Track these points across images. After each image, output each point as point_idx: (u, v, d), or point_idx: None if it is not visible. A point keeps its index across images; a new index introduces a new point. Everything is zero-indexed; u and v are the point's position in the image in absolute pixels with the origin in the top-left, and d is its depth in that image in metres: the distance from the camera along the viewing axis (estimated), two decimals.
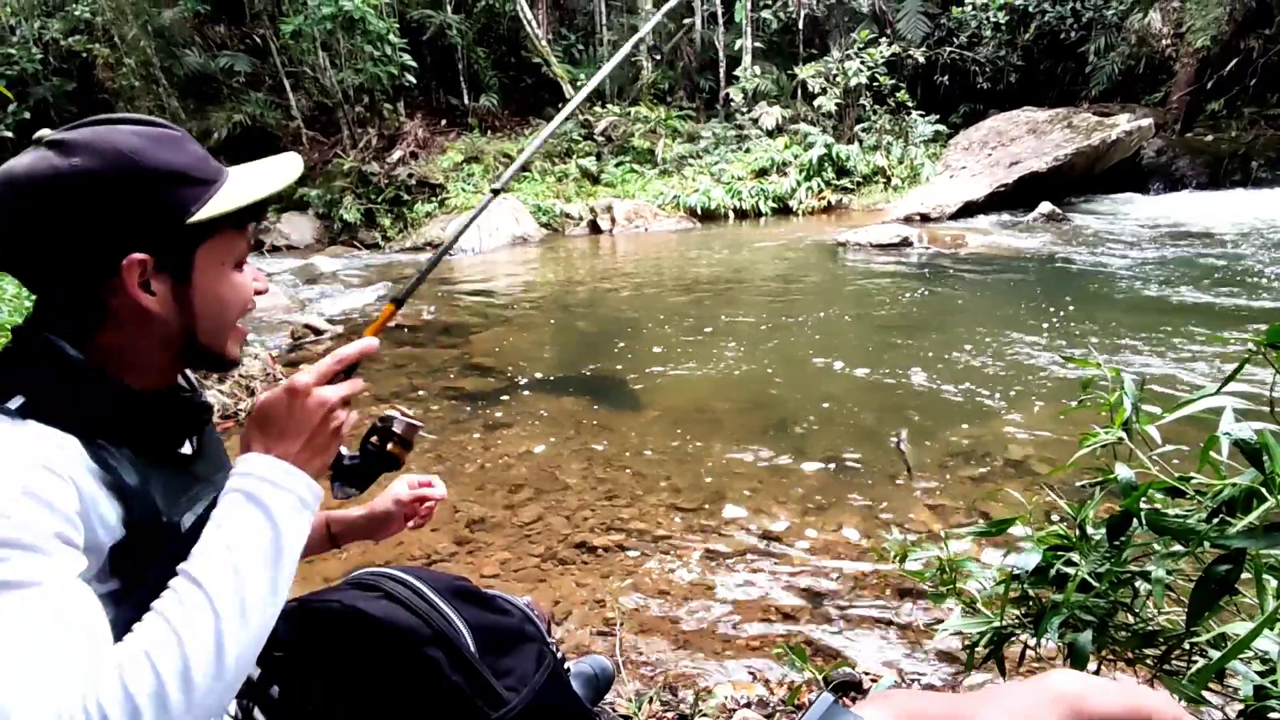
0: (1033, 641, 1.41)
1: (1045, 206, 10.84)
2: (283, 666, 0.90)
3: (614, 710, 1.74)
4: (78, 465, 0.74)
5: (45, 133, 0.77)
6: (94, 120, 0.79)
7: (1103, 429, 1.45)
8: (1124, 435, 1.35)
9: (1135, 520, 1.21)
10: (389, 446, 0.98)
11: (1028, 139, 12.92)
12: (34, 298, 0.82)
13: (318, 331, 6.02)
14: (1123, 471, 1.25)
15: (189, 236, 0.80)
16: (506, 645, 1.04)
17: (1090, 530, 1.34)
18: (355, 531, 1.27)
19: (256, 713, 0.94)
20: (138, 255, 0.77)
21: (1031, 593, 1.45)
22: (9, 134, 7.03)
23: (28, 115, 11.93)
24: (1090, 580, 1.31)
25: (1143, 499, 1.18)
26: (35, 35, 14.28)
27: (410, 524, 1.27)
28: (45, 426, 0.73)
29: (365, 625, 0.92)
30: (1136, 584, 1.28)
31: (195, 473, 0.90)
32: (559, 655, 1.14)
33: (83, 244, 0.76)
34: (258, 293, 0.92)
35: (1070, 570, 1.34)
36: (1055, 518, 1.57)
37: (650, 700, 1.77)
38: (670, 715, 1.74)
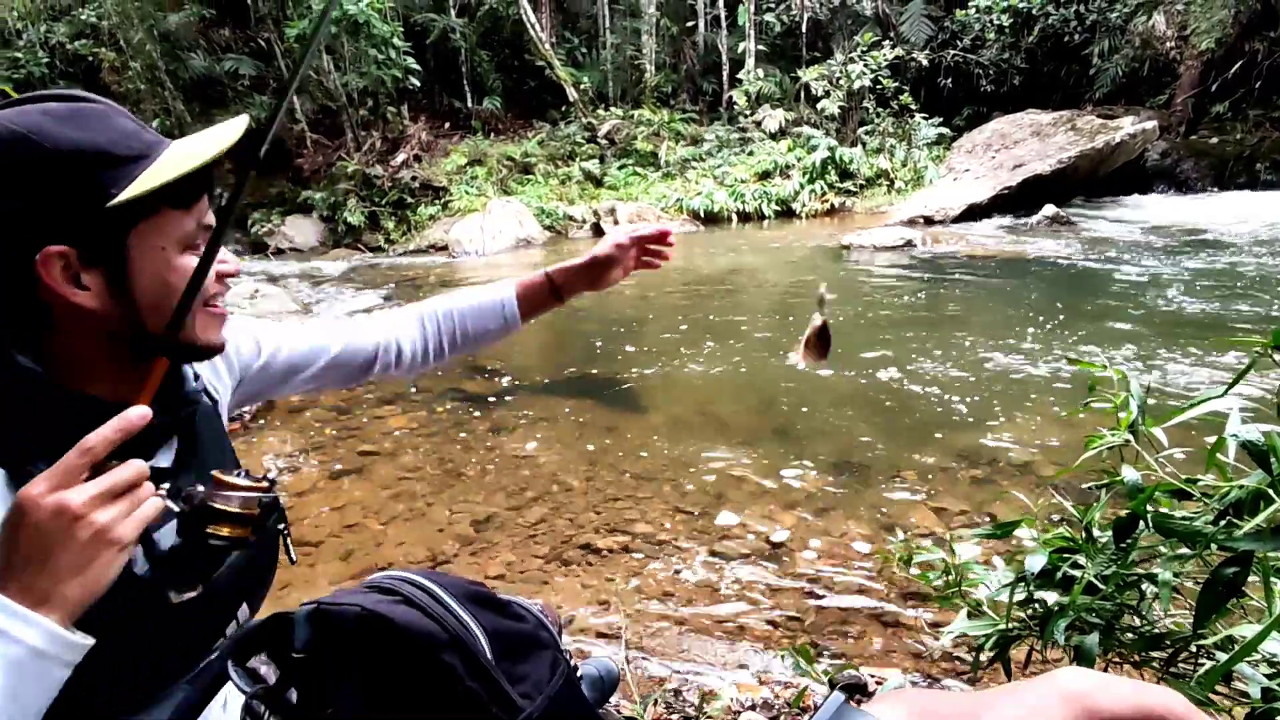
0: (1039, 644, 1.41)
1: (1049, 209, 10.84)
2: (301, 669, 0.89)
3: (619, 712, 1.74)
4: None
5: None
6: (3, 103, 0.72)
7: (1109, 431, 1.45)
8: (1130, 437, 1.35)
9: (1142, 522, 1.21)
10: (221, 529, 0.71)
11: (1031, 141, 12.92)
12: None
13: None
14: (1129, 474, 1.25)
15: (114, 221, 0.70)
16: (522, 651, 1.02)
17: (1096, 533, 1.34)
18: (579, 281, 1.23)
19: (269, 717, 0.93)
20: (54, 248, 0.68)
21: (1037, 595, 1.45)
22: None
23: None
24: (1096, 583, 1.31)
25: (1149, 501, 1.18)
26: (42, 39, 14.37)
27: (649, 266, 1.25)
28: None
29: (385, 630, 0.90)
30: (1143, 587, 1.27)
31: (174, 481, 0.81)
32: (571, 662, 1.13)
33: None
34: (225, 275, 0.80)
35: (1076, 573, 1.34)
36: (1056, 518, 1.57)
37: (655, 702, 1.77)
38: (675, 717, 1.74)
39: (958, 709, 0.42)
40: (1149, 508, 1.21)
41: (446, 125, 15.98)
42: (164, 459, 0.82)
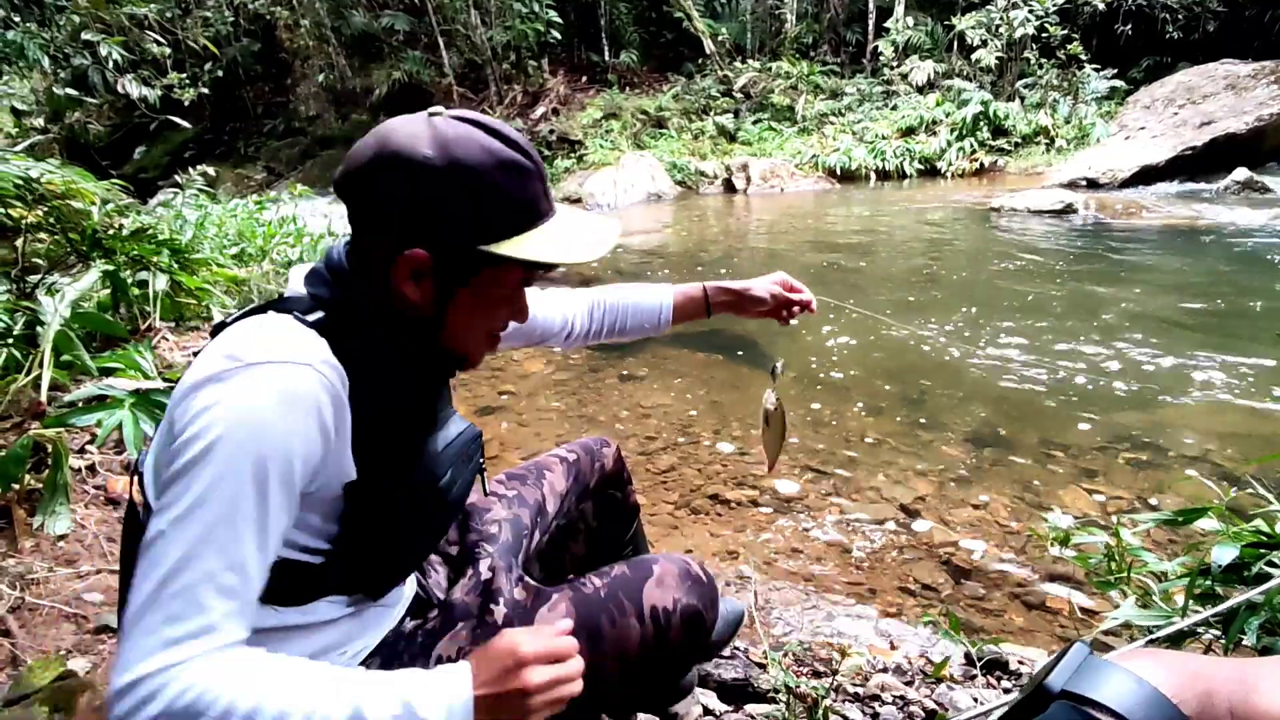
0: (1218, 642, 1.31)
1: (1241, 173, 9.60)
2: None
3: (748, 657, 1.78)
4: (342, 403, 0.79)
5: (439, 110, 0.82)
6: (473, 120, 0.82)
7: None
8: None
9: None
10: None
11: (1224, 96, 11.43)
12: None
13: None
14: None
15: (476, 260, 0.81)
16: None
17: None
18: (729, 304, 1.41)
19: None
20: (419, 252, 0.79)
21: (1221, 591, 1.34)
22: (206, 91, 7.83)
23: (220, 74, 13.14)
24: None
25: None
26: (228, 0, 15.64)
27: (781, 320, 1.42)
28: (328, 354, 0.78)
29: None
30: None
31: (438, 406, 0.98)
32: None
33: (394, 221, 0.79)
34: (514, 319, 0.93)
35: (1273, 570, 1.23)
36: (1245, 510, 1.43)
37: (786, 653, 1.79)
38: (805, 671, 1.76)
39: (1227, 674, 0.39)
40: None
41: (583, 79, 16.12)
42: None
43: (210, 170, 5.41)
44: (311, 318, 0.81)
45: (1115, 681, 0.38)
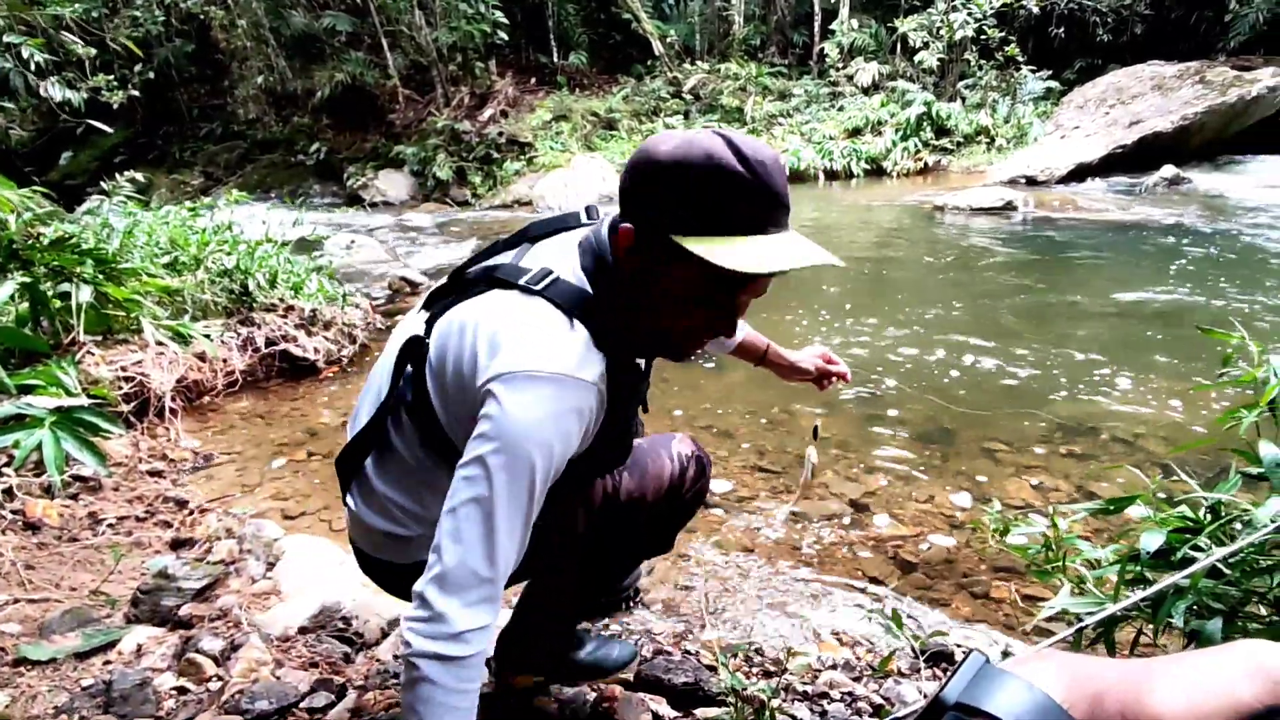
0: (1148, 626, 1.34)
1: (1168, 170, 10.03)
2: None
3: (699, 660, 1.77)
4: (604, 406, 1.03)
5: (717, 126, 0.97)
6: (726, 135, 0.93)
7: (1245, 407, 1.35)
8: (1272, 413, 1.25)
9: None
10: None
11: (1152, 96, 11.91)
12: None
13: (413, 284, 6.23)
14: (1269, 451, 1.17)
15: (669, 249, 0.93)
16: None
17: (1224, 513, 1.26)
18: (778, 368, 1.68)
19: None
20: (627, 226, 0.97)
21: (1150, 576, 1.38)
22: (136, 94, 7.50)
23: (152, 75, 12.62)
24: (1220, 566, 1.24)
25: None
26: None
27: (820, 386, 1.68)
28: (602, 366, 0.99)
29: None
30: (1276, 575, 1.19)
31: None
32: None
33: (623, 202, 0.98)
34: (719, 330, 1.03)
35: (1198, 554, 1.26)
36: (1170, 496, 1.48)
37: (735, 655, 1.79)
38: (755, 671, 1.76)
39: (1119, 676, 0.39)
40: None
41: (532, 81, 16.00)
42: None
43: (139, 176, 5.19)
44: (585, 325, 0.99)
45: (1008, 690, 0.38)
